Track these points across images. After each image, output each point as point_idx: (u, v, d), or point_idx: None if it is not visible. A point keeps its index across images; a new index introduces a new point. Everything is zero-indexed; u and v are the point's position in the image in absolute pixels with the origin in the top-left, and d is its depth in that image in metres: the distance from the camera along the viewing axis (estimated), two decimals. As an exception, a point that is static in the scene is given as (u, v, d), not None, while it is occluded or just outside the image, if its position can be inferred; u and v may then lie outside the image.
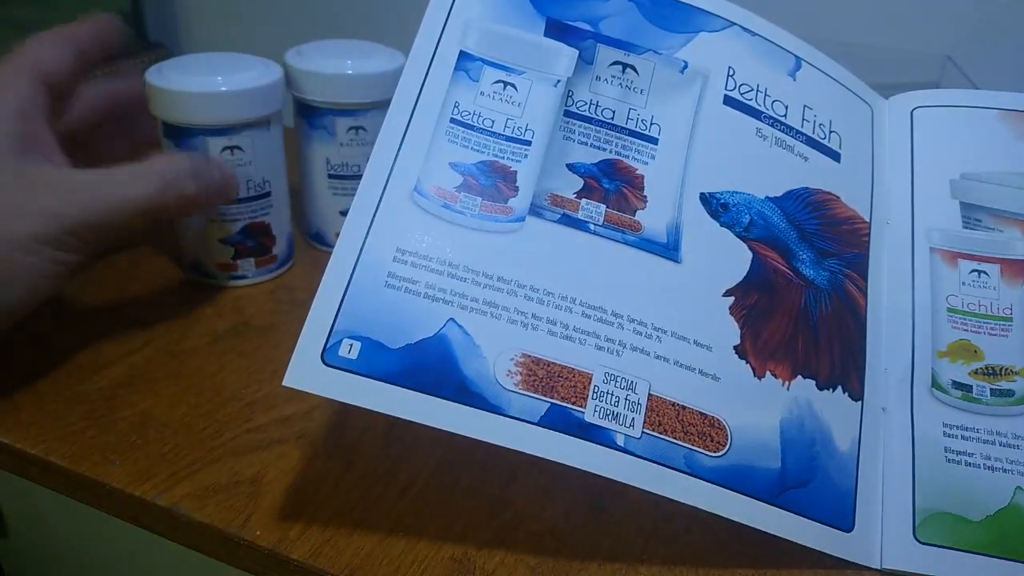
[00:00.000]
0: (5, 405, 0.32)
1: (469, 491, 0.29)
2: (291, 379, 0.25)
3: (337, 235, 0.28)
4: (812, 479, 0.28)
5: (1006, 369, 0.30)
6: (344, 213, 0.44)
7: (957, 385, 0.30)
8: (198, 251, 0.41)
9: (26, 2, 0.60)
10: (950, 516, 0.28)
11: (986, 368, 0.30)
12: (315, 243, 0.46)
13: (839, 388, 0.29)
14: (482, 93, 0.30)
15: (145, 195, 0.32)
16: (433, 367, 0.26)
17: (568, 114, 0.30)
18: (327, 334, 0.26)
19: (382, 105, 0.42)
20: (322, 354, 0.25)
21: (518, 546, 0.27)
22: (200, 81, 0.38)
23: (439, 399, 0.25)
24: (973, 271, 0.31)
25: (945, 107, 0.35)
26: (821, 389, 0.29)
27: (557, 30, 0.30)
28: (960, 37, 0.50)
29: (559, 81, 0.30)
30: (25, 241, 0.30)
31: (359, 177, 0.43)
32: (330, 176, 0.43)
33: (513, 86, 0.30)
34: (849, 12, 0.52)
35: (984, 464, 0.28)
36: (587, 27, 0.31)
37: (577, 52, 0.30)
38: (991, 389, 0.29)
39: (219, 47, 0.54)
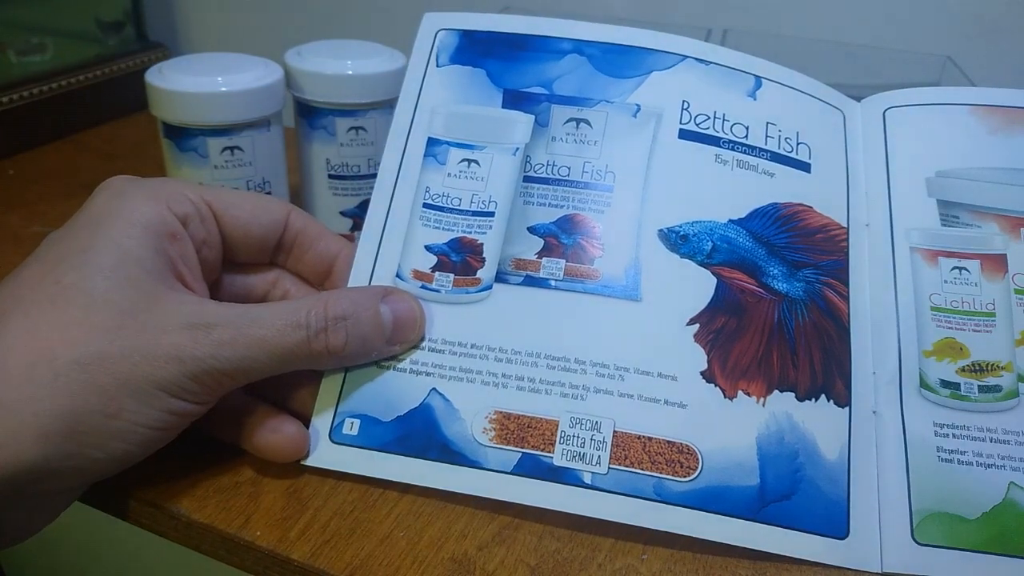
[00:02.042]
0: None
1: (469, 491, 0.29)
2: (309, 459, 0.29)
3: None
4: (796, 491, 0.28)
5: (992, 365, 0.30)
6: (344, 213, 0.44)
7: (945, 384, 0.30)
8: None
9: (26, 2, 0.60)
10: (947, 516, 0.28)
11: (972, 365, 0.30)
12: (315, 243, 0.46)
13: (823, 397, 0.30)
14: (449, 174, 0.32)
15: (284, 344, 0.26)
16: (420, 433, 0.29)
17: (527, 179, 0.32)
18: (332, 416, 0.29)
19: (382, 105, 0.42)
20: (330, 434, 0.29)
21: (518, 546, 0.27)
22: (200, 81, 0.38)
23: (426, 461, 0.28)
24: (954, 268, 0.31)
25: (917, 106, 0.35)
26: (802, 400, 0.29)
27: (514, 99, 0.33)
28: (960, 37, 0.50)
29: (517, 149, 0.32)
30: (140, 386, 0.24)
31: (359, 177, 0.43)
32: (330, 176, 0.43)
33: (476, 162, 0.32)
34: (849, 12, 0.52)
35: (976, 461, 0.28)
36: (542, 91, 0.33)
37: (532, 118, 0.33)
38: (978, 386, 0.30)
39: (219, 47, 0.54)
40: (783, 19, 0.53)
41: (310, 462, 0.29)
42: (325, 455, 0.29)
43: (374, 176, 0.31)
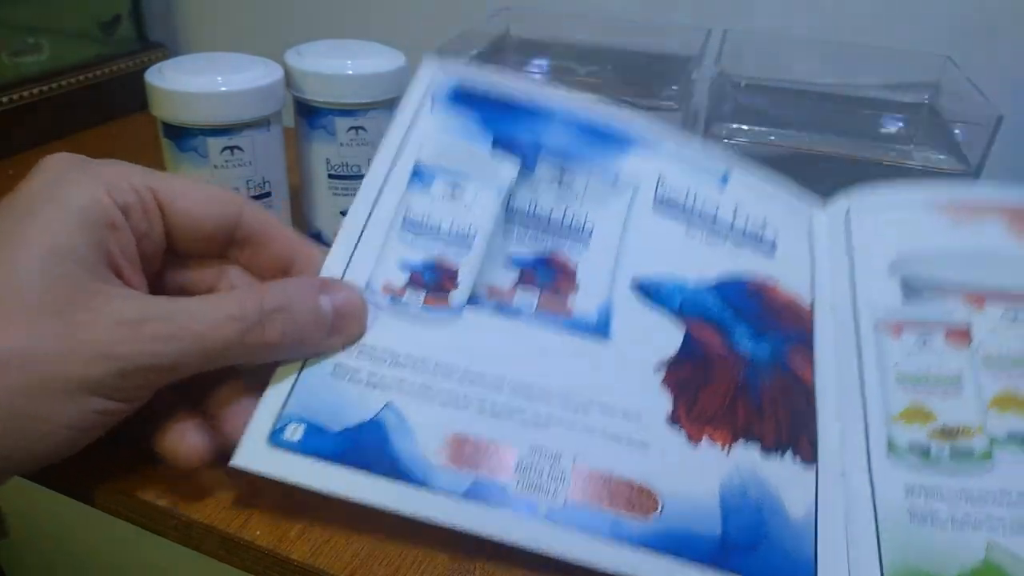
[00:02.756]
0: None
1: (469, 491, 0.29)
2: (238, 459, 0.26)
3: (336, 235, 0.28)
4: (759, 544, 0.27)
5: (962, 429, 0.29)
6: (344, 213, 0.44)
7: (915, 447, 0.29)
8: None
9: (26, 2, 0.60)
10: (921, 573, 0.26)
11: (943, 428, 0.29)
12: (315, 243, 0.46)
13: (788, 452, 0.29)
14: (433, 199, 0.32)
15: (219, 338, 0.25)
16: (368, 447, 0.27)
17: (509, 214, 0.33)
18: (275, 418, 0.27)
19: (382, 105, 0.42)
20: (269, 436, 0.27)
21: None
22: (200, 81, 0.38)
23: (371, 476, 0.26)
24: (918, 339, 0.32)
25: (879, 204, 0.36)
26: (768, 453, 0.29)
27: (503, 144, 0.34)
28: (960, 37, 0.50)
29: (502, 188, 0.33)
30: (65, 386, 0.23)
31: (359, 177, 0.43)
32: (330, 176, 0.43)
33: (462, 192, 0.32)
34: (848, 12, 0.52)
35: (952, 521, 0.27)
36: (530, 140, 0.34)
37: (520, 161, 0.33)
38: (950, 448, 0.29)
39: (219, 47, 0.54)
40: (783, 19, 0.53)
41: (242, 463, 0.26)
42: (259, 458, 0.26)
43: (374, 177, 0.31)
